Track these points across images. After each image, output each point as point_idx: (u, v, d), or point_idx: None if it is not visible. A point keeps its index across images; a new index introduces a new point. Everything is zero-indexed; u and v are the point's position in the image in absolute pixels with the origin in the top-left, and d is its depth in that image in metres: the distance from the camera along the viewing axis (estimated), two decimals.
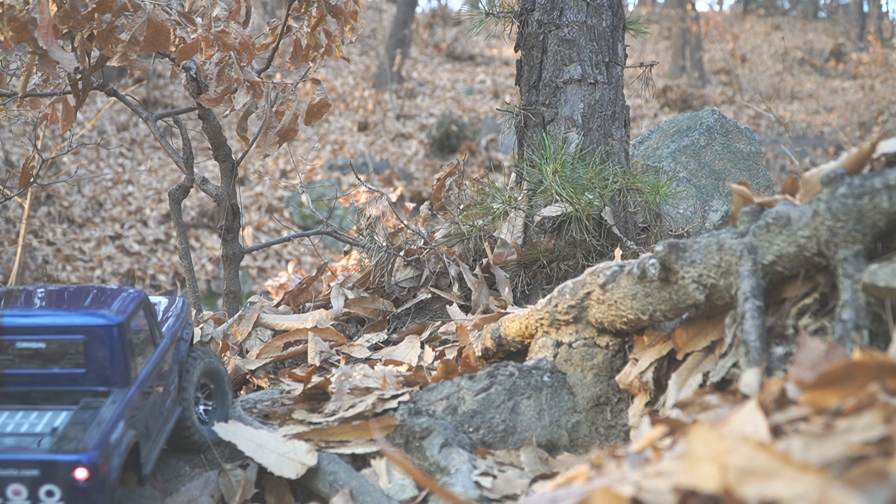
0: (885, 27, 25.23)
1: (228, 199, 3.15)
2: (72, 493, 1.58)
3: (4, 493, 1.60)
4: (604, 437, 2.11)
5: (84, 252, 10.53)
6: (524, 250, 3.12)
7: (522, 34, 3.29)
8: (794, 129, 15.72)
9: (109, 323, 1.76)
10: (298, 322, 3.07)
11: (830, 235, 1.53)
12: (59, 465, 1.58)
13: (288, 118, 2.84)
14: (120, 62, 2.64)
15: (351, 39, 3.13)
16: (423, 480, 1.06)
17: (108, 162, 12.61)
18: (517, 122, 3.30)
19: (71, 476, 1.58)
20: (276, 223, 11.70)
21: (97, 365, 1.76)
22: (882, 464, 0.82)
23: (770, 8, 31.25)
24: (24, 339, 1.76)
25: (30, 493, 1.59)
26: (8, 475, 1.59)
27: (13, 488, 1.60)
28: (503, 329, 2.39)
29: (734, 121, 4.10)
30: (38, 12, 2.46)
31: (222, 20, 2.75)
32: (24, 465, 1.59)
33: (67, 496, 1.58)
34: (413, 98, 16.83)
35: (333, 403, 2.19)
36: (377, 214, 3.46)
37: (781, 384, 1.16)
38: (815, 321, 1.63)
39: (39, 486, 1.59)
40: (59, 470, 1.58)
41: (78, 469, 1.57)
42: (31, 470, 1.59)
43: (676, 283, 1.83)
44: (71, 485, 1.58)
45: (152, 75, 14.27)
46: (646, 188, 3.11)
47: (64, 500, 1.59)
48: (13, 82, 3.05)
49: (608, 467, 1.12)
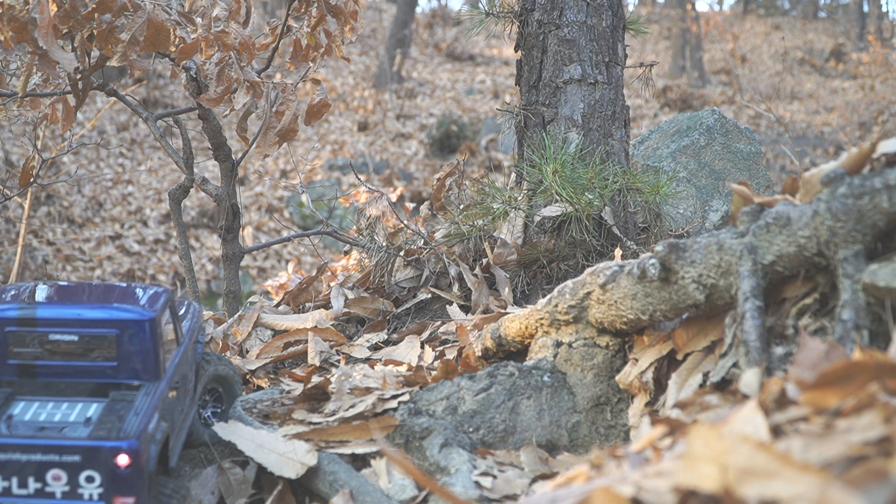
0: (885, 27, 25.23)
1: (228, 199, 3.15)
2: (112, 479, 1.60)
3: (44, 478, 1.61)
4: (604, 437, 2.11)
5: (84, 252, 10.53)
6: (524, 250, 3.12)
7: (522, 34, 3.29)
8: (794, 129, 15.72)
9: (142, 318, 1.78)
10: (298, 322, 3.07)
11: (830, 235, 1.53)
12: (101, 451, 1.60)
13: (288, 118, 2.84)
14: (120, 62, 2.64)
15: (351, 39, 3.13)
16: (423, 480, 1.06)
17: (108, 162, 12.61)
18: (517, 122, 3.29)
19: (113, 462, 1.60)
20: (276, 223, 11.70)
21: (129, 358, 1.78)
22: (882, 464, 0.82)
23: (770, 8, 31.25)
24: (56, 330, 1.78)
25: (69, 479, 1.61)
26: (49, 460, 1.61)
27: (53, 473, 1.61)
28: (503, 329, 2.39)
29: (734, 121, 4.10)
30: (38, 12, 2.46)
31: (222, 20, 2.75)
32: (65, 451, 1.61)
33: (107, 482, 1.60)
34: (413, 98, 16.83)
35: (333, 403, 2.19)
36: (377, 214, 3.46)
37: (781, 384, 1.16)
38: (815, 321, 1.63)
39: (80, 471, 1.61)
40: (102, 456, 1.60)
41: (120, 455, 1.59)
42: (73, 455, 1.61)
43: (676, 283, 1.83)
44: (112, 471, 1.60)
45: (152, 75, 14.27)
46: (646, 188, 3.11)
47: (103, 486, 1.60)
48: (13, 82, 3.05)
49: (608, 467, 1.12)
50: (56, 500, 1.62)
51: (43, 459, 1.61)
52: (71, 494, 1.62)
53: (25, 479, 1.62)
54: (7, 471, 1.62)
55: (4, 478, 1.62)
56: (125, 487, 1.61)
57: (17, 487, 1.62)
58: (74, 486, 1.61)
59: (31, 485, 1.62)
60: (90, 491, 1.61)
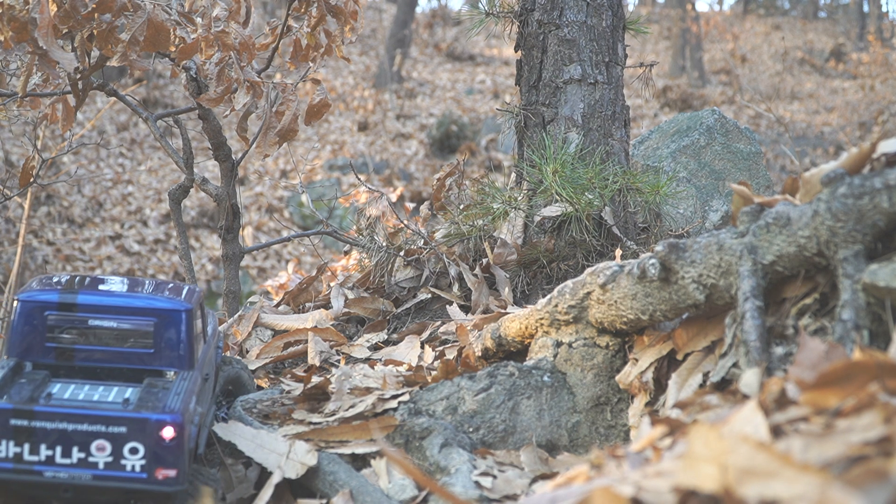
0: (885, 27, 25.22)
1: (228, 199, 3.15)
2: (156, 451, 1.64)
3: (88, 449, 1.65)
4: (604, 437, 2.11)
5: (84, 252, 10.53)
6: (524, 250, 3.12)
7: (522, 34, 3.29)
8: (794, 129, 15.72)
9: (180, 308, 1.86)
10: (298, 322, 3.07)
11: (830, 235, 1.53)
12: (147, 423, 1.64)
13: (288, 118, 2.84)
14: (120, 62, 2.64)
15: (351, 39, 3.13)
16: (423, 480, 1.06)
17: (108, 162, 12.61)
18: (517, 122, 3.29)
19: (158, 434, 1.64)
20: (276, 223, 11.70)
21: (165, 346, 1.85)
22: (882, 464, 0.82)
23: (770, 8, 31.25)
24: (96, 316, 1.84)
25: (113, 450, 1.65)
26: (95, 430, 1.65)
27: (98, 444, 1.65)
28: (503, 329, 2.39)
29: (734, 121, 4.10)
30: (38, 12, 2.46)
31: (222, 20, 2.75)
32: (112, 422, 1.65)
33: (150, 454, 1.64)
34: (413, 98, 16.83)
35: (333, 403, 2.19)
36: (377, 214, 3.46)
37: (781, 384, 1.16)
38: (815, 321, 1.63)
39: (125, 443, 1.65)
40: (148, 428, 1.64)
41: (166, 428, 1.64)
42: (119, 427, 1.65)
43: (676, 283, 1.83)
44: (157, 443, 1.64)
45: (152, 75, 14.27)
46: (646, 188, 3.11)
47: (146, 458, 1.64)
48: (13, 82, 3.05)
49: (608, 467, 1.12)
50: (98, 471, 1.65)
51: (89, 429, 1.65)
52: (114, 465, 1.65)
53: (69, 448, 1.65)
54: (52, 439, 1.65)
55: (48, 446, 1.65)
56: (168, 460, 1.65)
57: (61, 457, 1.66)
58: (118, 456, 1.65)
59: (75, 454, 1.65)
60: (133, 462, 1.65)
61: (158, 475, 1.65)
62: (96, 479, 1.66)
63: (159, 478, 1.65)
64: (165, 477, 1.65)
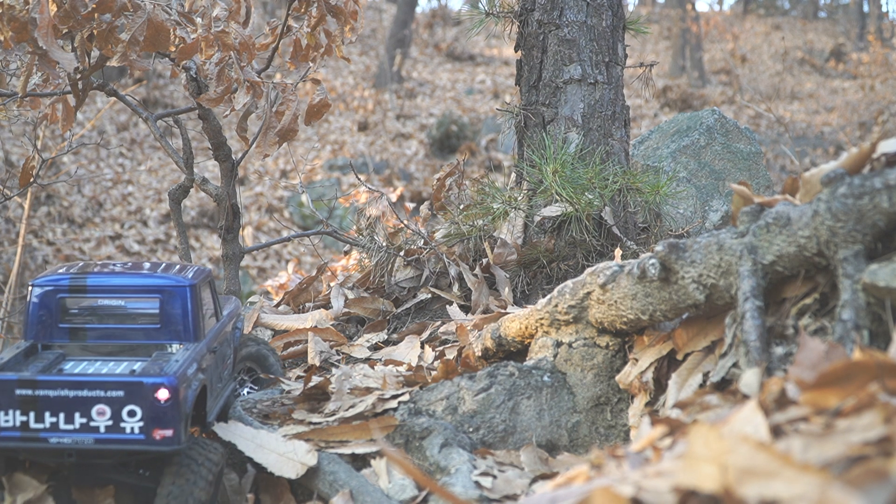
0: (885, 27, 25.21)
1: (228, 199, 3.15)
2: (152, 413, 1.73)
3: (90, 413, 1.74)
4: (604, 437, 2.11)
5: (84, 252, 10.53)
6: (524, 250, 3.12)
7: (522, 34, 3.29)
8: (794, 129, 15.71)
9: (183, 284, 1.98)
10: (298, 322, 3.07)
11: (830, 235, 1.53)
12: (143, 386, 1.73)
13: (288, 118, 2.84)
14: (120, 62, 2.64)
15: (351, 39, 3.13)
16: (423, 480, 1.06)
17: (108, 162, 12.60)
18: (517, 122, 3.29)
19: (154, 396, 1.73)
20: (276, 223, 11.69)
21: (171, 321, 1.97)
22: (882, 464, 0.82)
23: (770, 8, 31.24)
24: (105, 296, 1.98)
25: (112, 413, 1.74)
26: (94, 395, 1.74)
27: (98, 408, 1.74)
28: (503, 329, 2.39)
29: (734, 121, 4.09)
30: (38, 12, 2.46)
31: (222, 20, 2.75)
32: (110, 386, 1.74)
33: (147, 416, 1.73)
34: (413, 98, 16.82)
35: (333, 403, 2.19)
36: (377, 214, 3.46)
37: (781, 384, 1.16)
38: (815, 321, 1.63)
39: (123, 406, 1.73)
40: (144, 390, 1.73)
41: (161, 390, 1.73)
42: (117, 391, 1.74)
43: (676, 283, 1.83)
44: (153, 405, 1.73)
45: (152, 75, 14.26)
46: (646, 188, 3.11)
47: (143, 420, 1.73)
48: (13, 82, 3.05)
49: (608, 467, 1.12)
50: (99, 434, 1.74)
51: (89, 395, 1.74)
52: (114, 429, 1.74)
53: (72, 414, 1.74)
54: (55, 406, 1.74)
55: (52, 413, 1.74)
56: (164, 421, 1.73)
57: (64, 423, 1.74)
58: (117, 420, 1.74)
59: (77, 420, 1.74)
60: (132, 425, 1.74)
61: (156, 435, 1.73)
62: (98, 443, 1.74)
63: (157, 438, 1.73)
64: (162, 437, 1.73)
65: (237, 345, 2.33)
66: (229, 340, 2.23)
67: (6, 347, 4.82)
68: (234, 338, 2.31)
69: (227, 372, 2.18)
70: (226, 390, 2.15)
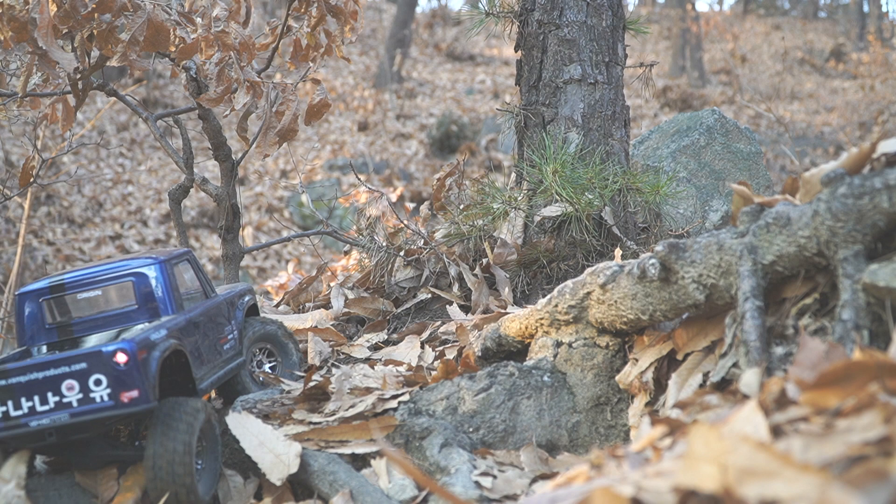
0: (885, 27, 25.20)
1: (228, 199, 3.15)
2: (115, 377, 1.83)
3: (60, 391, 1.84)
4: (604, 437, 2.11)
5: (84, 252, 10.52)
6: (524, 250, 3.12)
7: (522, 34, 3.29)
8: (794, 129, 15.71)
9: (152, 262, 2.10)
10: (298, 322, 3.06)
11: (830, 235, 1.53)
12: (102, 354, 1.83)
13: (288, 118, 2.84)
14: (120, 62, 2.64)
15: (351, 39, 3.13)
16: (423, 480, 1.06)
17: (108, 162, 12.60)
18: (517, 122, 3.29)
19: (113, 361, 1.82)
20: (276, 223, 11.69)
21: (146, 300, 2.10)
22: (882, 464, 0.82)
23: (770, 8, 31.23)
24: (83, 290, 2.11)
25: (81, 386, 1.83)
26: (61, 372, 1.83)
27: (67, 384, 1.84)
28: (503, 329, 2.39)
29: (734, 121, 4.09)
30: (38, 12, 2.46)
31: (222, 20, 2.75)
32: (73, 360, 1.84)
33: (112, 381, 1.83)
34: (413, 98, 16.82)
35: (333, 403, 2.19)
36: (377, 214, 3.46)
37: (781, 384, 1.16)
38: (815, 321, 1.63)
39: (88, 377, 1.83)
40: (103, 358, 1.83)
41: (118, 354, 1.82)
42: (80, 363, 1.83)
43: (676, 283, 1.83)
44: (114, 369, 1.83)
45: (152, 75, 14.26)
46: (646, 188, 3.11)
47: (110, 386, 1.83)
48: (13, 82, 3.05)
49: (608, 467, 1.12)
50: (73, 409, 1.84)
51: (56, 373, 1.83)
52: (85, 401, 1.84)
53: (45, 395, 1.84)
54: (29, 391, 1.84)
55: (28, 398, 1.86)
56: (129, 383, 1.83)
57: (40, 405, 1.84)
58: (86, 392, 1.83)
59: (51, 399, 1.84)
60: (100, 393, 1.83)
61: (124, 399, 1.82)
62: (73, 417, 1.83)
63: (125, 401, 1.82)
64: (130, 399, 1.82)
65: (241, 323, 2.42)
66: (227, 317, 2.33)
67: (6, 349, 4.82)
68: (237, 316, 2.40)
69: (228, 346, 2.28)
70: (229, 364, 2.25)
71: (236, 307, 2.42)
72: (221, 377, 2.19)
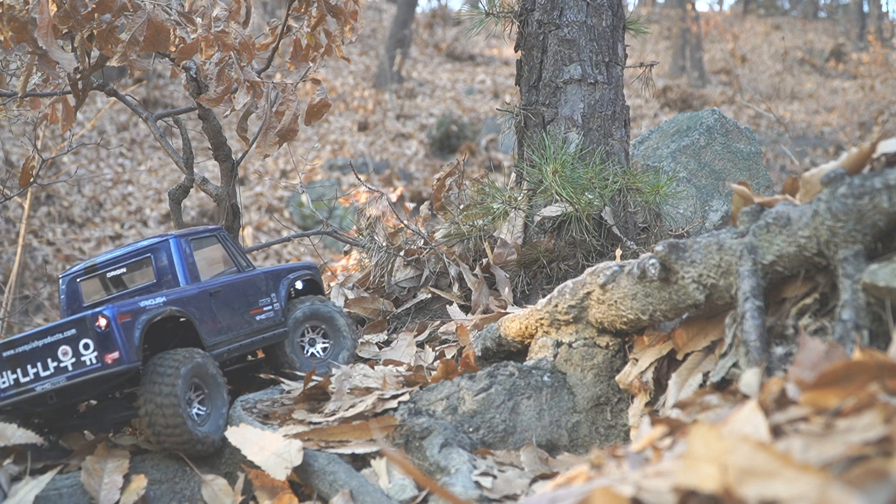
0: (885, 27, 25.19)
1: (228, 199, 3.15)
2: (99, 339, 2.02)
3: (58, 357, 2.06)
4: (604, 437, 2.11)
5: (84, 252, 10.52)
6: (524, 250, 3.12)
7: (522, 34, 3.29)
8: (794, 129, 15.71)
9: (167, 238, 2.31)
10: None
11: (830, 235, 1.53)
12: (86, 319, 2.03)
13: (288, 118, 2.84)
14: (120, 62, 2.64)
15: (351, 39, 3.13)
16: (423, 480, 1.06)
17: (108, 162, 12.60)
18: (517, 122, 3.29)
19: (95, 326, 2.01)
20: (276, 223, 11.69)
21: (163, 274, 2.30)
22: (882, 464, 0.82)
23: (770, 8, 31.23)
24: (112, 268, 2.36)
25: (73, 350, 2.05)
26: (56, 339, 2.06)
27: (62, 350, 2.05)
28: (503, 329, 2.39)
29: (734, 121, 4.09)
30: (38, 12, 2.46)
31: (222, 20, 2.75)
32: (64, 328, 2.05)
33: (97, 344, 2.01)
34: (413, 98, 16.82)
35: (333, 403, 2.19)
36: (377, 214, 3.46)
37: (781, 384, 1.16)
38: (815, 321, 1.63)
39: (78, 341, 2.04)
40: (87, 323, 2.03)
41: (99, 319, 2.03)
42: (70, 330, 2.04)
43: (676, 283, 1.83)
44: (97, 333, 2.02)
45: (152, 75, 14.26)
46: (646, 188, 3.11)
47: (96, 349, 2.02)
48: (13, 82, 3.05)
49: (608, 467, 1.12)
50: (70, 372, 2.05)
51: (52, 340, 2.06)
52: (78, 364, 2.04)
53: (46, 361, 2.07)
54: (33, 358, 2.07)
55: (32, 365, 2.08)
56: (110, 345, 2.01)
57: (42, 371, 2.07)
58: (78, 356, 2.03)
59: (51, 365, 2.06)
60: (89, 356, 2.03)
61: (107, 360, 2.00)
62: (69, 379, 2.05)
63: (109, 362, 2.00)
64: (113, 360, 2.00)
65: (283, 297, 2.55)
66: (265, 290, 2.48)
67: None
68: (279, 290, 2.53)
69: (262, 317, 2.44)
70: (262, 334, 2.40)
71: (280, 282, 2.55)
72: (248, 345, 2.36)
